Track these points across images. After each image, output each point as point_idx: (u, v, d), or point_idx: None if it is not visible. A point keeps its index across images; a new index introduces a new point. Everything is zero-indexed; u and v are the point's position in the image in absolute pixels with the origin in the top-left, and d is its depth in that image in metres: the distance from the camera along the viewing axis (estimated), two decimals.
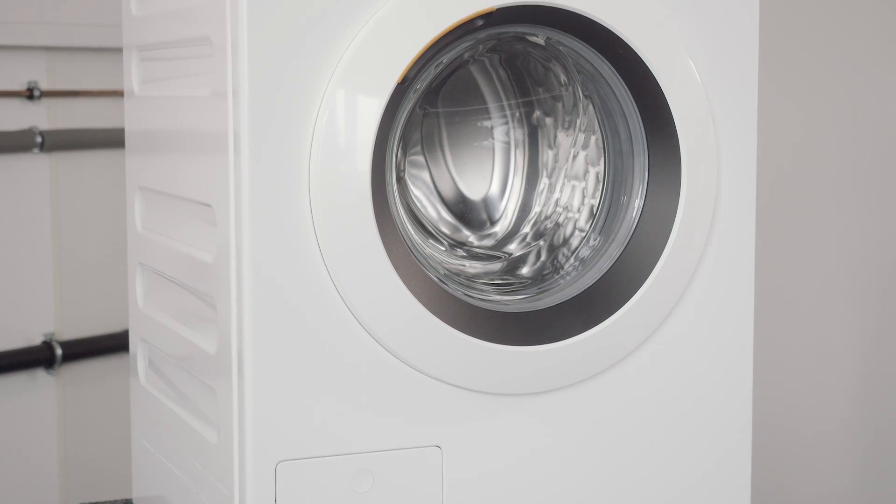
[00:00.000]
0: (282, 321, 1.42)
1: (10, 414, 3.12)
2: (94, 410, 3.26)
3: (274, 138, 1.40)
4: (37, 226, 3.11)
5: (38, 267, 3.14)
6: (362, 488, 1.47)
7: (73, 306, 3.21)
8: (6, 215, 3.05)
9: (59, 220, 3.15)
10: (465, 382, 1.49)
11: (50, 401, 3.18)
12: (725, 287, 1.61)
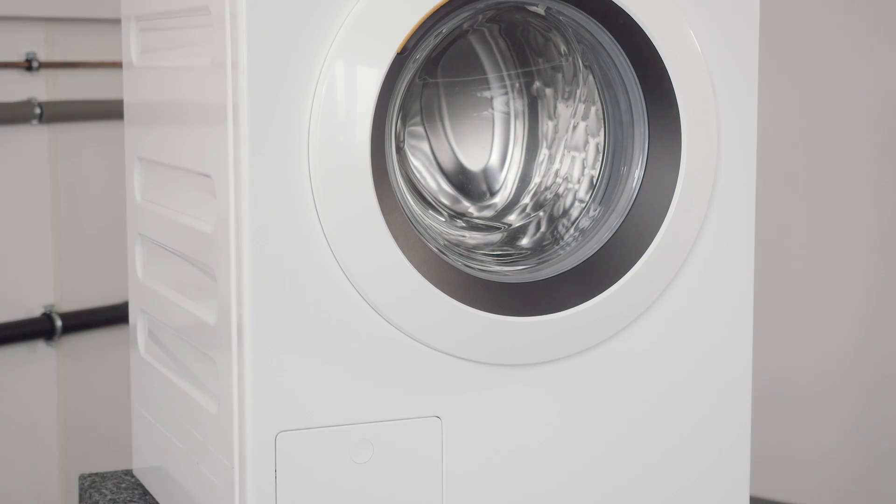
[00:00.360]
0: (281, 292, 1.42)
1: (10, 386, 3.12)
2: (93, 382, 3.26)
3: (273, 109, 1.40)
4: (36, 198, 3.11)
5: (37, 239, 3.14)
6: (362, 458, 1.48)
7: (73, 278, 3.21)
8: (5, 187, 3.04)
9: (59, 191, 3.15)
10: (464, 353, 1.49)
11: (50, 372, 3.19)
12: (725, 257, 1.61)
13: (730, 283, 1.62)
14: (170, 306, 1.67)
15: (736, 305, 1.62)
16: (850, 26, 3.41)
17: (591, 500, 1.58)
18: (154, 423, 1.75)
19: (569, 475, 1.57)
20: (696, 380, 1.61)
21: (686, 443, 1.62)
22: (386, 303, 1.45)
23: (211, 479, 1.52)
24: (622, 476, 1.59)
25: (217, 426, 1.49)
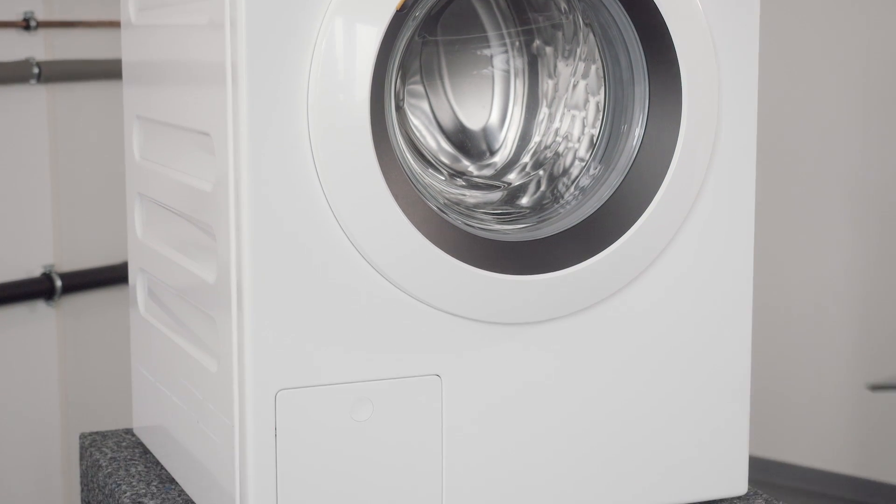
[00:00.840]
0: (281, 250, 1.42)
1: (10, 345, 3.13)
2: (93, 342, 3.27)
3: (272, 68, 1.39)
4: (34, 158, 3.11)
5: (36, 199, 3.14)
6: (362, 417, 1.48)
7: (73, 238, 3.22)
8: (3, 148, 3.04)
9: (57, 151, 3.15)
10: (464, 311, 1.50)
11: (50, 332, 3.19)
12: (726, 214, 1.60)
13: (730, 240, 1.62)
14: (169, 265, 1.67)
15: (736, 263, 1.62)
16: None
17: (591, 458, 1.58)
18: (154, 382, 1.76)
19: (568, 434, 1.57)
20: (696, 338, 1.61)
21: (685, 401, 1.62)
22: (386, 261, 1.45)
23: (211, 438, 1.53)
24: (621, 434, 1.59)
25: (217, 385, 1.50)
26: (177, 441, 1.67)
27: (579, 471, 1.58)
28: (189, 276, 1.59)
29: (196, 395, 1.58)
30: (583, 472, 1.58)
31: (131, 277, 1.83)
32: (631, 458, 1.59)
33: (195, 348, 1.59)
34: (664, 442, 1.62)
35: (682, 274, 1.59)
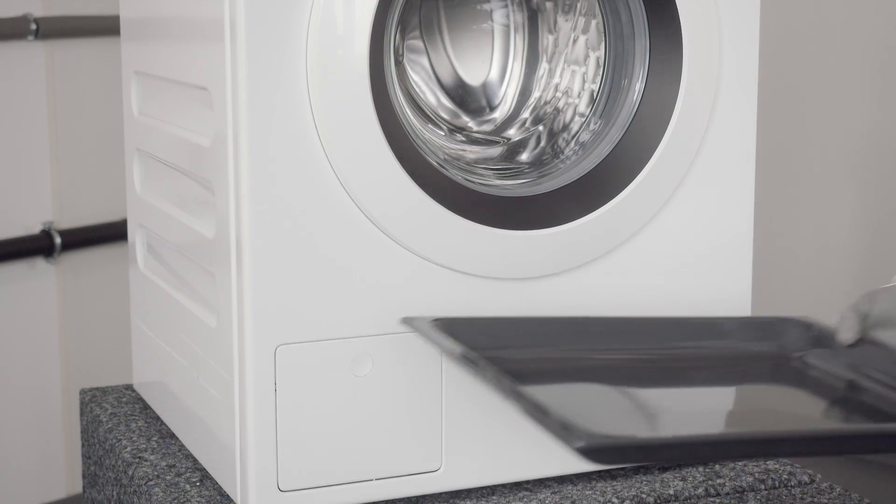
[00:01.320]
0: (280, 205, 1.42)
1: (10, 302, 3.13)
2: (93, 299, 3.27)
3: (271, 22, 1.39)
4: (33, 114, 3.10)
5: (35, 155, 3.13)
6: (362, 372, 1.48)
7: (72, 195, 3.21)
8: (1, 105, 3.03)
9: (56, 108, 3.13)
10: (464, 267, 1.49)
11: (49, 289, 3.19)
12: (726, 170, 1.60)
13: (731, 195, 1.61)
14: (168, 221, 1.67)
15: (737, 218, 1.62)
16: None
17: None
18: (154, 337, 1.76)
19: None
20: (697, 293, 1.61)
21: None
22: (385, 216, 1.45)
23: (211, 393, 1.53)
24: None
25: (217, 340, 1.50)
26: (177, 396, 1.67)
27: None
28: (188, 231, 1.59)
29: (196, 351, 1.58)
30: None
31: (130, 233, 1.83)
32: None
33: (194, 304, 1.59)
34: None
35: (682, 229, 1.59)
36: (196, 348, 1.58)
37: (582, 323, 1.44)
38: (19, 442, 3.21)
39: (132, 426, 1.74)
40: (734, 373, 1.43)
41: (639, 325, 1.47)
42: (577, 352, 1.41)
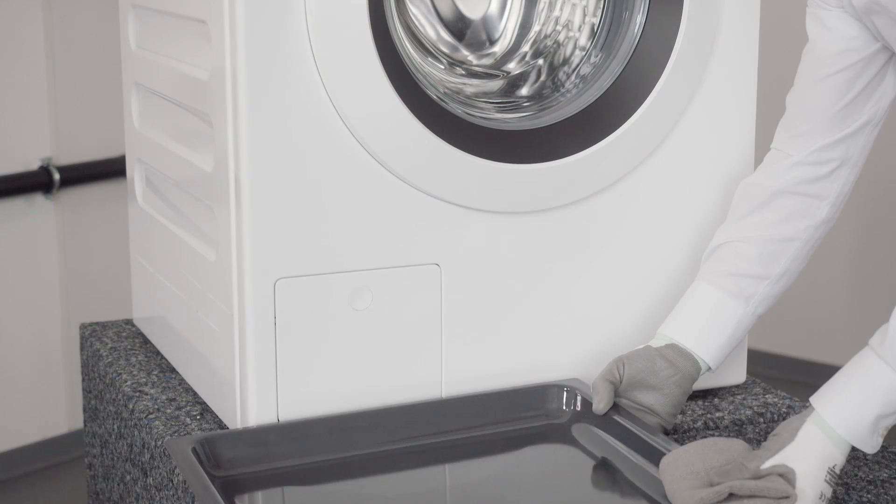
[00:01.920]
0: (278, 138, 1.41)
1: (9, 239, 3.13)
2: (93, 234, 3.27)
3: None
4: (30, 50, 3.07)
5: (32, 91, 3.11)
6: (361, 305, 1.48)
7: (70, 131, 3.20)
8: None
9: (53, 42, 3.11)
10: (463, 200, 1.49)
11: (49, 225, 3.19)
12: (727, 104, 1.59)
13: (731, 133, 1.60)
14: (167, 155, 1.66)
15: (737, 151, 1.61)
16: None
17: (590, 343, 1.59)
18: (153, 272, 1.76)
19: (569, 320, 1.58)
20: (697, 228, 1.61)
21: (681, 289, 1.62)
22: (385, 150, 1.44)
23: (210, 327, 1.53)
24: (620, 320, 1.60)
25: (216, 274, 1.49)
26: (176, 331, 1.67)
27: (580, 356, 1.59)
28: (187, 165, 1.58)
29: (195, 285, 1.58)
30: (582, 357, 1.59)
31: (129, 168, 1.82)
32: (631, 345, 1.60)
33: (194, 238, 1.59)
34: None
35: (682, 163, 1.58)
36: (195, 282, 1.57)
37: (346, 419, 1.47)
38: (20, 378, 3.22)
39: (132, 360, 1.74)
40: (495, 448, 1.48)
41: (407, 413, 1.49)
42: (341, 451, 1.44)
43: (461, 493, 1.42)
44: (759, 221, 1.47)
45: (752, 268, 1.46)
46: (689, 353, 1.45)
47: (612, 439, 1.44)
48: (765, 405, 1.61)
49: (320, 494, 1.40)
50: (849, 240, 3.77)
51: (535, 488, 1.40)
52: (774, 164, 1.47)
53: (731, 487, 1.22)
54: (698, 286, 1.48)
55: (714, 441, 1.31)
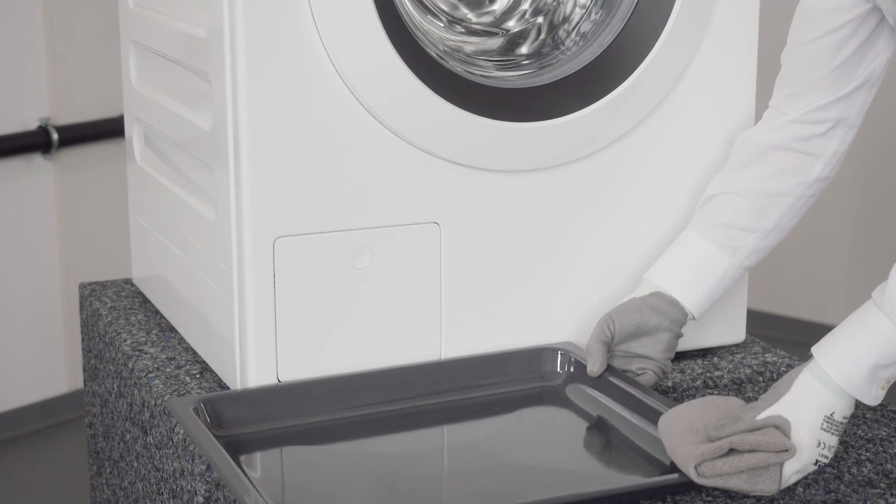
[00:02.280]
0: (277, 96, 1.40)
1: (9, 199, 3.13)
2: (92, 194, 3.26)
3: None
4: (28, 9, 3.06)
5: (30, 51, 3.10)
6: (360, 264, 1.48)
7: (68, 90, 3.19)
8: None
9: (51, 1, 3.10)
10: (463, 159, 1.48)
11: (48, 185, 3.18)
12: (728, 60, 1.58)
13: (732, 90, 1.59)
14: (165, 114, 1.65)
15: (738, 109, 1.60)
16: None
17: (590, 299, 1.59)
18: (152, 231, 1.75)
19: (568, 276, 1.57)
20: (697, 186, 1.60)
21: None
22: (384, 109, 1.44)
23: (210, 286, 1.53)
24: (621, 277, 1.59)
25: (215, 233, 1.49)
26: (176, 290, 1.67)
27: (581, 315, 1.58)
28: (185, 124, 1.57)
29: (194, 244, 1.57)
30: (584, 316, 1.59)
31: (127, 127, 1.82)
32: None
33: (193, 197, 1.58)
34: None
35: (684, 120, 1.57)
36: (195, 241, 1.57)
37: (346, 381, 1.47)
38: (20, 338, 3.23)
39: (132, 320, 1.74)
40: (492, 411, 1.49)
41: (405, 375, 1.49)
42: (340, 411, 1.45)
43: (458, 453, 1.42)
44: (751, 175, 1.48)
45: (742, 220, 1.47)
46: (673, 300, 1.47)
47: (608, 399, 1.45)
48: (764, 364, 1.61)
49: (321, 454, 1.40)
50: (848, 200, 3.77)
51: (532, 447, 1.41)
52: (771, 121, 1.47)
53: (731, 442, 1.22)
54: (687, 235, 1.50)
55: (711, 399, 1.32)
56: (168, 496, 1.46)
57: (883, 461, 1.37)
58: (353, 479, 1.33)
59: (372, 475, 1.33)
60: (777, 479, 1.23)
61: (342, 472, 1.35)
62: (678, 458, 1.25)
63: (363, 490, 1.30)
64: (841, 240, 3.85)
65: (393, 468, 1.35)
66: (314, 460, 1.39)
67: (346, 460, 1.38)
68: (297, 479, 1.35)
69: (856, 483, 1.32)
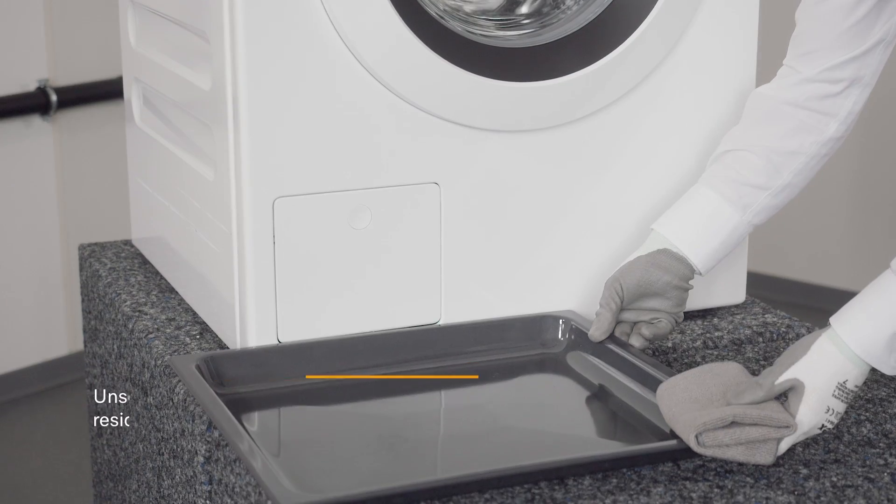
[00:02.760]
0: (276, 56, 1.39)
1: (7, 160, 3.12)
2: (91, 156, 3.26)
3: None
4: None
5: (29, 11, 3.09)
6: (360, 224, 1.47)
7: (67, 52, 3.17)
8: None
9: None
10: (463, 119, 1.48)
11: (47, 147, 3.18)
12: (730, 17, 1.57)
13: (734, 50, 1.59)
14: (164, 74, 1.64)
15: (740, 69, 1.59)
16: None
17: (591, 261, 1.58)
18: (152, 192, 1.75)
19: (570, 237, 1.57)
20: (698, 147, 1.60)
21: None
22: (384, 68, 1.43)
23: (209, 246, 1.53)
24: (622, 238, 1.59)
25: (215, 193, 1.49)
26: (175, 251, 1.67)
27: (583, 277, 1.58)
28: (184, 84, 1.57)
29: (194, 205, 1.57)
30: (586, 278, 1.58)
31: (126, 88, 1.81)
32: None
33: (192, 157, 1.58)
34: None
35: (685, 79, 1.57)
36: (194, 202, 1.57)
37: (347, 343, 1.47)
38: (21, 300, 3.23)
39: (131, 281, 1.74)
40: (495, 377, 1.49)
41: (405, 339, 1.49)
42: (340, 373, 1.45)
43: (458, 416, 1.42)
44: (765, 132, 1.46)
45: (754, 177, 1.46)
46: (680, 256, 1.46)
47: (608, 367, 1.44)
48: (764, 325, 1.61)
49: (321, 414, 1.40)
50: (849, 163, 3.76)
51: (531, 412, 1.41)
52: (785, 79, 1.46)
53: (735, 416, 1.23)
54: (698, 189, 1.48)
55: (710, 367, 1.32)
56: (168, 456, 1.46)
57: (882, 421, 1.37)
58: (352, 438, 1.33)
59: (371, 435, 1.33)
60: (774, 452, 1.24)
61: (342, 432, 1.35)
62: (678, 426, 1.26)
63: (362, 449, 1.30)
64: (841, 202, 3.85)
65: (392, 429, 1.35)
66: (314, 420, 1.39)
67: (345, 421, 1.38)
68: (297, 437, 1.35)
69: (855, 443, 1.32)
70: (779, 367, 1.26)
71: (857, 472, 1.27)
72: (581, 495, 1.22)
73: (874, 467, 1.27)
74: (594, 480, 1.24)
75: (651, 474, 1.25)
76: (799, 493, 1.22)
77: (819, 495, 1.22)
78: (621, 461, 1.26)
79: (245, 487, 1.28)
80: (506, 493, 1.22)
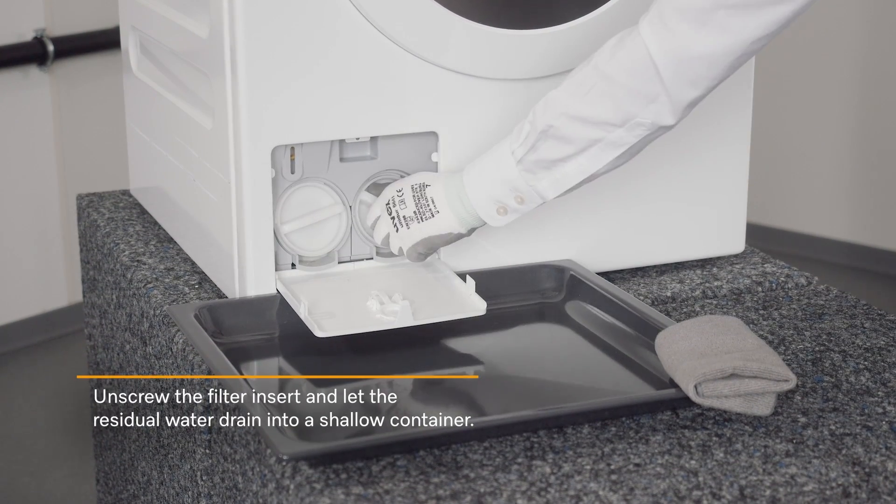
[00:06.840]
0: (274, 3, 1.38)
1: (5, 111, 3.11)
2: (89, 106, 3.25)
3: None
4: None
5: None
6: None
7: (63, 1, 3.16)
8: None
9: None
10: (462, 67, 1.47)
11: (44, 97, 3.17)
12: None
13: None
14: (161, 21, 1.63)
15: None
16: None
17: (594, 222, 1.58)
18: (149, 141, 1.74)
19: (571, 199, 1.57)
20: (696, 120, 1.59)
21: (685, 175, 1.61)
22: (382, 14, 1.42)
23: (207, 195, 1.52)
24: (625, 197, 1.59)
25: (213, 141, 1.48)
26: (173, 200, 1.67)
27: (584, 234, 1.58)
28: (181, 32, 1.55)
29: (192, 154, 1.56)
30: (588, 236, 1.58)
31: (123, 36, 1.80)
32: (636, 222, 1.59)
33: (190, 106, 1.57)
34: (669, 207, 1.61)
35: None
36: (192, 151, 1.56)
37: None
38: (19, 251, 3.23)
39: (130, 230, 1.74)
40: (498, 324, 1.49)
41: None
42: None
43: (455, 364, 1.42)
44: None
45: None
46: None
47: (608, 316, 1.45)
48: (763, 274, 1.61)
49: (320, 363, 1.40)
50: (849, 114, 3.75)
51: (530, 362, 1.41)
52: None
53: (735, 368, 1.23)
54: None
55: (710, 317, 1.32)
56: (168, 406, 1.47)
57: (881, 370, 1.37)
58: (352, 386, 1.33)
59: (371, 383, 1.33)
60: (772, 404, 1.24)
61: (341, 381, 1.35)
62: (677, 376, 1.26)
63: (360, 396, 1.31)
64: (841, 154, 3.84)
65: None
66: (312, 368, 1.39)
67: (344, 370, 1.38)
68: (296, 386, 1.36)
69: (853, 392, 1.32)
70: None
71: (855, 420, 1.27)
72: (580, 443, 1.22)
73: (872, 416, 1.28)
74: (593, 429, 1.24)
75: (650, 423, 1.26)
76: (797, 442, 1.23)
77: (817, 443, 1.22)
78: (620, 410, 1.26)
79: (244, 436, 1.28)
80: (504, 441, 1.22)
